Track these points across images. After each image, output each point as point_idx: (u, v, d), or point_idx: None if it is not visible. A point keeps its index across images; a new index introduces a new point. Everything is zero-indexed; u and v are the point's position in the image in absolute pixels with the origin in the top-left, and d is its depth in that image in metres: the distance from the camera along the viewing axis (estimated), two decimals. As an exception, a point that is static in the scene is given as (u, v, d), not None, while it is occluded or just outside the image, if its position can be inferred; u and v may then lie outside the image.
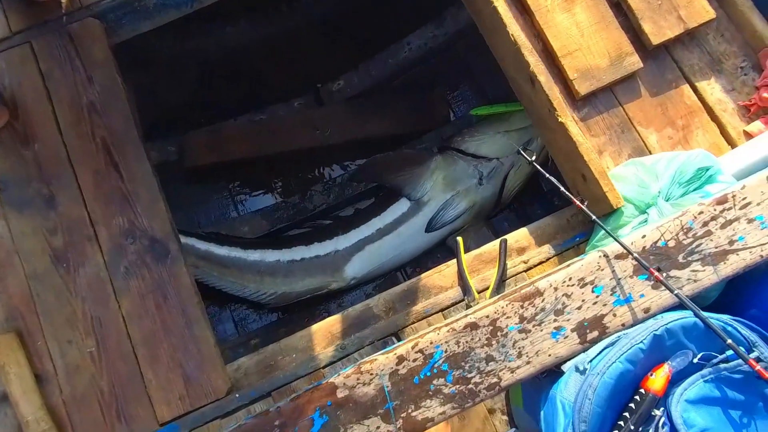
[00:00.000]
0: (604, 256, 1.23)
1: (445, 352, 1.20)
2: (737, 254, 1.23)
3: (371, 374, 1.19)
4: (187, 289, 1.56)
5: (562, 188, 1.47)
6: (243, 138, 2.47)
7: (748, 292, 1.30)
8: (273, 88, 2.65)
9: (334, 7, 2.67)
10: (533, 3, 1.67)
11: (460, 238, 1.65)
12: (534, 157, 1.63)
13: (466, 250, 1.64)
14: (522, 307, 1.22)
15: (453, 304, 1.58)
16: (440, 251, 2.37)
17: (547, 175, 1.52)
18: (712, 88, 1.67)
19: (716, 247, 1.24)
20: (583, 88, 1.62)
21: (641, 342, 1.08)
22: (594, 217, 1.37)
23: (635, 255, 1.19)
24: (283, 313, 2.35)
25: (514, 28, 1.61)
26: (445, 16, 2.66)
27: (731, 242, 1.24)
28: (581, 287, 1.23)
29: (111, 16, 1.75)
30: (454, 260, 1.63)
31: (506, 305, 1.22)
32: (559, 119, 1.55)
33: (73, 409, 1.48)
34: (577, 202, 1.42)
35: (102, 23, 1.73)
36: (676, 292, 1.10)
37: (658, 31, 1.65)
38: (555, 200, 2.41)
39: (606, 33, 1.66)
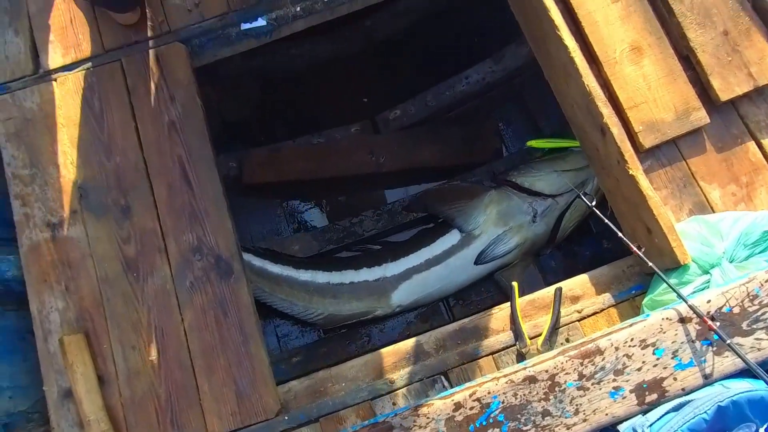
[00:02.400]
0: (668, 318, 1.23)
1: (502, 402, 1.21)
2: (804, 325, 1.22)
3: (428, 418, 1.21)
4: (246, 308, 1.62)
5: (625, 239, 1.47)
6: (300, 159, 2.55)
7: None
8: (331, 113, 2.73)
9: (395, 35, 2.74)
10: (602, 54, 1.69)
11: (515, 283, 1.65)
12: (594, 203, 1.63)
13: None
14: (582, 364, 1.22)
15: (504, 348, 1.58)
16: (485, 285, 2.38)
17: (609, 224, 1.53)
18: (778, 146, 1.65)
19: (782, 317, 1.23)
20: (647, 141, 1.62)
21: (705, 413, 1.08)
22: (657, 270, 1.37)
23: (704, 316, 1.18)
24: (325, 333, 2.39)
25: (590, 80, 1.62)
26: (504, 52, 2.70)
27: (798, 313, 1.22)
28: (642, 348, 1.23)
29: (195, 42, 1.86)
30: (507, 303, 1.64)
31: (566, 361, 1.23)
32: (630, 172, 1.55)
33: (130, 411, 1.55)
34: (639, 253, 1.42)
35: (186, 48, 1.83)
36: (747, 360, 1.09)
37: (726, 88, 1.64)
38: (604, 242, 2.40)
39: (673, 87, 1.66)
